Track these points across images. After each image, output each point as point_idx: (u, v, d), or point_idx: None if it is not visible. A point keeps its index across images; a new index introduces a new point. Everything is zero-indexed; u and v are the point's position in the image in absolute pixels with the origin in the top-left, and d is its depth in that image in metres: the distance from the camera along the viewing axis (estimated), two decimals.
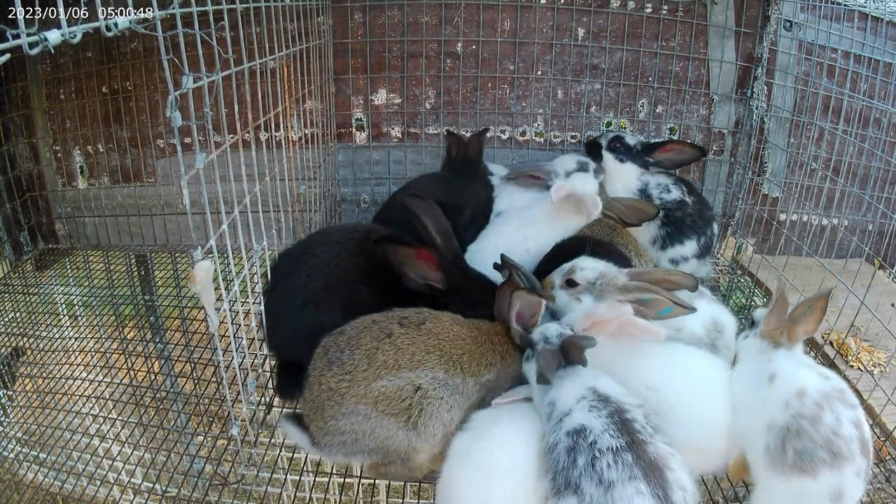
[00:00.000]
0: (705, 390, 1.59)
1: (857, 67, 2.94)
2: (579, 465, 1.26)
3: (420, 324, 1.62)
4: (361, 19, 2.87)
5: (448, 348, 1.61)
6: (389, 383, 1.50)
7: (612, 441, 1.27)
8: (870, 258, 2.90)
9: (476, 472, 1.42)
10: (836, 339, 2.31)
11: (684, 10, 2.88)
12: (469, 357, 1.64)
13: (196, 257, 1.30)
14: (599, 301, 1.79)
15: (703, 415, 1.55)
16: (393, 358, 1.53)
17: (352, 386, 1.50)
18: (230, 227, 1.52)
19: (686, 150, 2.60)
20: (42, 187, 3.21)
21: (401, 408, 1.50)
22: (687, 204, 2.55)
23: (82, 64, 2.98)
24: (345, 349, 1.55)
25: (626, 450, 1.25)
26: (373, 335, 1.57)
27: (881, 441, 1.99)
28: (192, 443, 2.31)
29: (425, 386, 1.53)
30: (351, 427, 1.50)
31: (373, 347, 1.54)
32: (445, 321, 1.67)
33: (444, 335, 1.63)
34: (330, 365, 1.54)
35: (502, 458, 1.42)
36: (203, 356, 2.60)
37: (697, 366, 1.65)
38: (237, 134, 1.55)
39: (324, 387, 1.52)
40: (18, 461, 2.54)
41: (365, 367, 1.51)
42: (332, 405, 1.51)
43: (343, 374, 1.51)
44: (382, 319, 1.62)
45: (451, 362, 1.59)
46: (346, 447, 1.53)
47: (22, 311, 3.00)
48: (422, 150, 3.05)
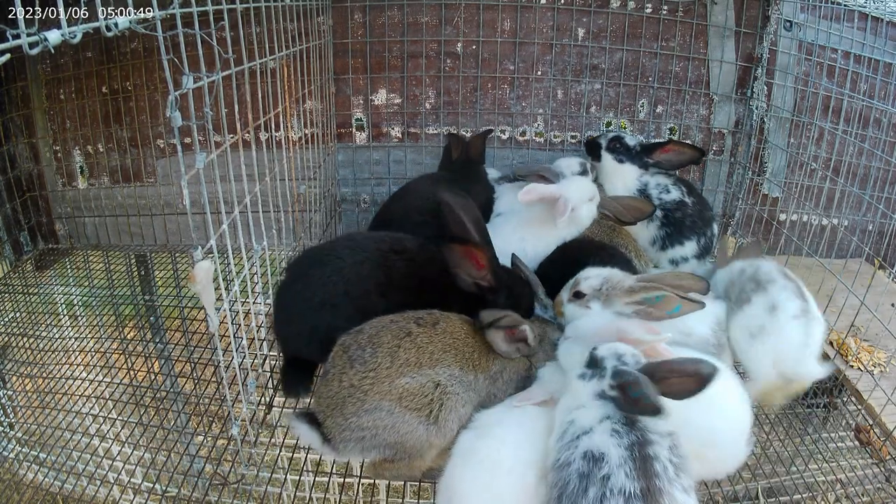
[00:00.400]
0: (727, 412, 1.59)
1: (857, 67, 2.94)
2: (589, 497, 1.22)
3: (434, 323, 1.69)
4: (361, 19, 2.87)
5: (461, 347, 1.67)
6: (413, 380, 1.55)
7: (627, 483, 1.21)
8: (870, 258, 2.90)
9: (479, 470, 1.43)
10: (836, 339, 2.31)
11: (684, 10, 2.88)
12: (479, 354, 1.70)
13: (196, 257, 1.30)
14: (608, 306, 1.79)
15: (724, 435, 1.56)
16: (415, 356, 1.58)
17: (376, 383, 1.54)
18: (230, 227, 1.52)
19: (686, 152, 2.58)
20: (42, 187, 3.21)
21: (423, 402, 1.55)
22: (686, 204, 2.54)
23: (82, 64, 2.98)
24: (366, 347, 1.59)
25: (638, 499, 1.20)
26: (393, 333, 1.62)
27: (881, 441, 2.00)
28: (192, 443, 2.31)
29: (444, 382, 1.59)
30: (373, 423, 1.53)
31: (395, 345, 1.59)
32: (456, 321, 1.74)
33: (457, 334, 1.69)
34: (352, 363, 1.57)
35: (506, 457, 1.43)
36: (203, 356, 2.60)
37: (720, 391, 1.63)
38: (237, 134, 1.55)
39: (345, 384, 1.55)
40: (18, 461, 2.54)
41: (388, 365, 1.56)
42: (355, 402, 1.53)
43: (367, 372, 1.55)
44: (399, 319, 1.68)
45: (465, 359, 1.66)
46: (364, 442, 1.55)
47: (22, 311, 3.00)
48: (422, 150, 3.05)
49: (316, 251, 2.01)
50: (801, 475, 1.95)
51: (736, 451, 1.57)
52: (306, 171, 2.43)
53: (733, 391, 1.60)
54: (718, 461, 1.57)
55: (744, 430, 1.58)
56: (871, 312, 2.01)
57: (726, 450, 1.56)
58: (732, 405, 1.58)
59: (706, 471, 1.58)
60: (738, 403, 1.59)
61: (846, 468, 2.03)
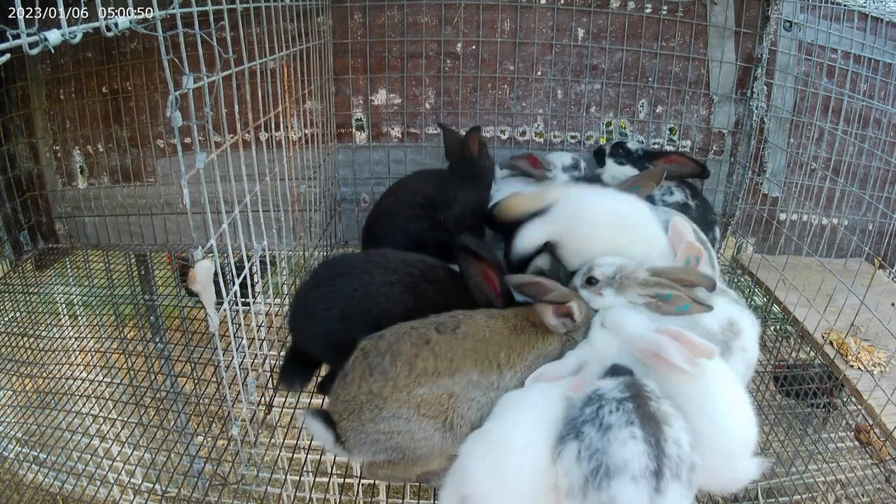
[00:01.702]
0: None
1: (857, 67, 2.94)
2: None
3: (455, 328, 1.67)
4: (361, 19, 2.87)
5: (483, 349, 1.66)
6: (429, 390, 1.56)
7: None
8: (870, 258, 2.90)
9: (493, 450, 1.43)
10: (836, 338, 2.31)
11: (684, 10, 2.88)
12: (507, 351, 1.68)
13: (196, 257, 1.30)
14: (621, 294, 1.79)
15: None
16: (433, 365, 1.58)
17: (394, 391, 1.54)
18: (230, 226, 1.52)
19: (688, 164, 2.64)
20: (42, 187, 3.20)
21: (439, 410, 1.56)
22: (690, 207, 2.56)
23: (82, 64, 2.98)
24: (385, 354, 1.59)
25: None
26: (412, 341, 1.61)
27: (881, 441, 2.00)
28: (192, 443, 2.31)
29: (458, 392, 1.59)
30: (389, 429, 1.54)
31: (413, 354, 1.59)
32: (480, 320, 1.73)
33: (480, 335, 1.68)
34: (371, 370, 1.57)
35: (519, 438, 1.42)
36: (203, 356, 2.61)
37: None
38: (237, 134, 1.55)
39: (363, 389, 1.56)
40: (18, 461, 2.54)
41: (406, 374, 1.56)
42: (372, 408, 1.54)
43: (385, 381, 1.55)
44: (420, 326, 1.68)
45: (487, 361, 1.65)
46: (378, 445, 1.56)
47: (22, 311, 3.00)
48: (422, 150, 3.05)
49: (349, 260, 2.02)
50: (800, 476, 1.95)
51: (731, 463, 1.47)
52: (306, 171, 2.43)
53: (733, 396, 1.53)
54: (710, 471, 1.43)
55: (740, 441, 1.49)
56: (871, 312, 2.01)
57: (719, 459, 1.45)
58: (728, 410, 1.50)
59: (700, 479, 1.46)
60: (734, 409, 1.51)
61: (846, 469, 2.03)
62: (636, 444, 1.24)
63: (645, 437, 1.25)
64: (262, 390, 1.94)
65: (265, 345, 2.03)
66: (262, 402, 1.94)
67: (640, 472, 1.21)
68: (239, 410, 1.74)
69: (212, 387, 2.44)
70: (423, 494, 1.82)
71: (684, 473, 1.25)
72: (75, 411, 2.51)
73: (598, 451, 1.25)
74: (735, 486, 1.54)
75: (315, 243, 2.67)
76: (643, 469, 1.22)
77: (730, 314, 1.81)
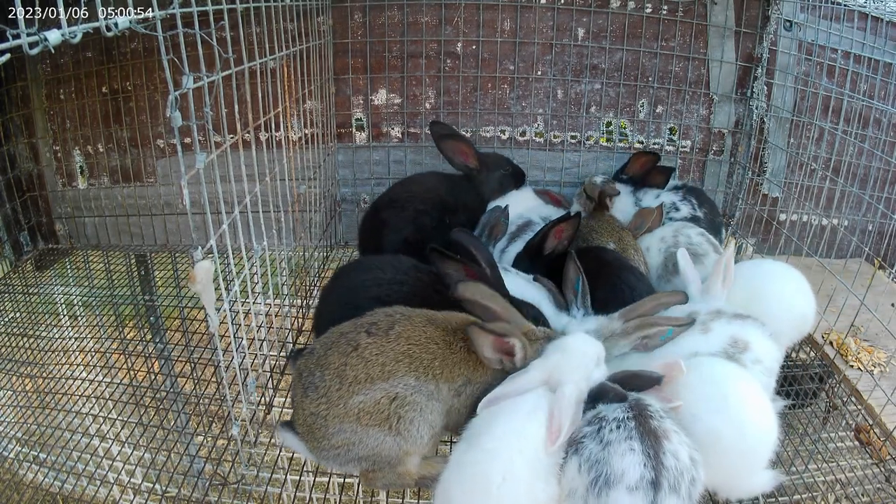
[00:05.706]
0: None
1: (857, 67, 2.94)
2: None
3: (389, 328, 1.57)
4: (361, 19, 2.87)
5: (418, 354, 1.55)
6: (366, 397, 1.49)
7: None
8: (870, 258, 2.90)
9: (471, 487, 1.37)
10: (836, 339, 2.31)
11: (684, 10, 2.88)
12: (441, 363, 1.57)
13: (196, 257, 1.30)
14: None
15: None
16: (363, 372, 1.50)
17: (330, 407, 1.50)
18: (230, 227, 1.52)
19: (649, 158, 2.75)
20: (42, 187, 3.20)
21: (381, 418, 1.49)
22: (699, 219, 2.60)
23: (82, 64, 2.98)
24: (315, 371, 1.54)
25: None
26: (340, 351, 1.54)
27: (881, 441, 2.00)
28: (192, 443, 2.31)
29: (402, 394, 1.50)
30: (342, 442, 1.52)
31: (341, 364, 1.51)
32: (419, 323, 1.62)
33: (415, 339, 1.57)
34: (306, 391, 1.53)
35: (496, 472, 1.34)
36: (203, 356, 2.60)
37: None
38: (237, 134, 1.55)
39: (307, 412, 1.53)
40: (18, 461, 2.54)
41: (338, 387, 1.50)
42: (319, 428, 1.52)
43: (319, 398, 1.51)
44: (350, 330, 1.59)
45: (422, 368, 1.54)
46: (341, 457, 1.54)
47: (22, 311, 3.00)
48: (422, 150, 3.05)
49: (364, 260, 2.16)
50: (800, 475, 1.94)
51: (743, 465, 1.48)
52: (306, 172, 2.43)
53: (752, 398, 1.52)
54: (721, 473, 1.46)
55: (757, 444, 1.48)
56: (871, 312, 2.01)
57: (730, 461, 1.46)
58: (745, 412, 1.49)
59: (710, 480, 1.45)
60: (750, 412, 1.50)
61: (846, 468, 2.03)
62: (634, 455, 1.27)
63: (643, 449, 1.28)
64: (262, 390, 1.94)
65: (265, 345, 2.03)
66: (262, 402, 1.94)
67: (637, 482, 1.24)
68: (239, 410, 1.74)
69: (212, 387, 2.44)
70: (424, 494, 1.81)
71: (683, 487, 1.27)
72: (75, 411, 2.51)
73: (599, 462, 1.29)
74: (747, 493, 1.56)
75: (315, 244, 2.68)
76: (640, 480, 1.25)
77: (730, 334, 1.76)
